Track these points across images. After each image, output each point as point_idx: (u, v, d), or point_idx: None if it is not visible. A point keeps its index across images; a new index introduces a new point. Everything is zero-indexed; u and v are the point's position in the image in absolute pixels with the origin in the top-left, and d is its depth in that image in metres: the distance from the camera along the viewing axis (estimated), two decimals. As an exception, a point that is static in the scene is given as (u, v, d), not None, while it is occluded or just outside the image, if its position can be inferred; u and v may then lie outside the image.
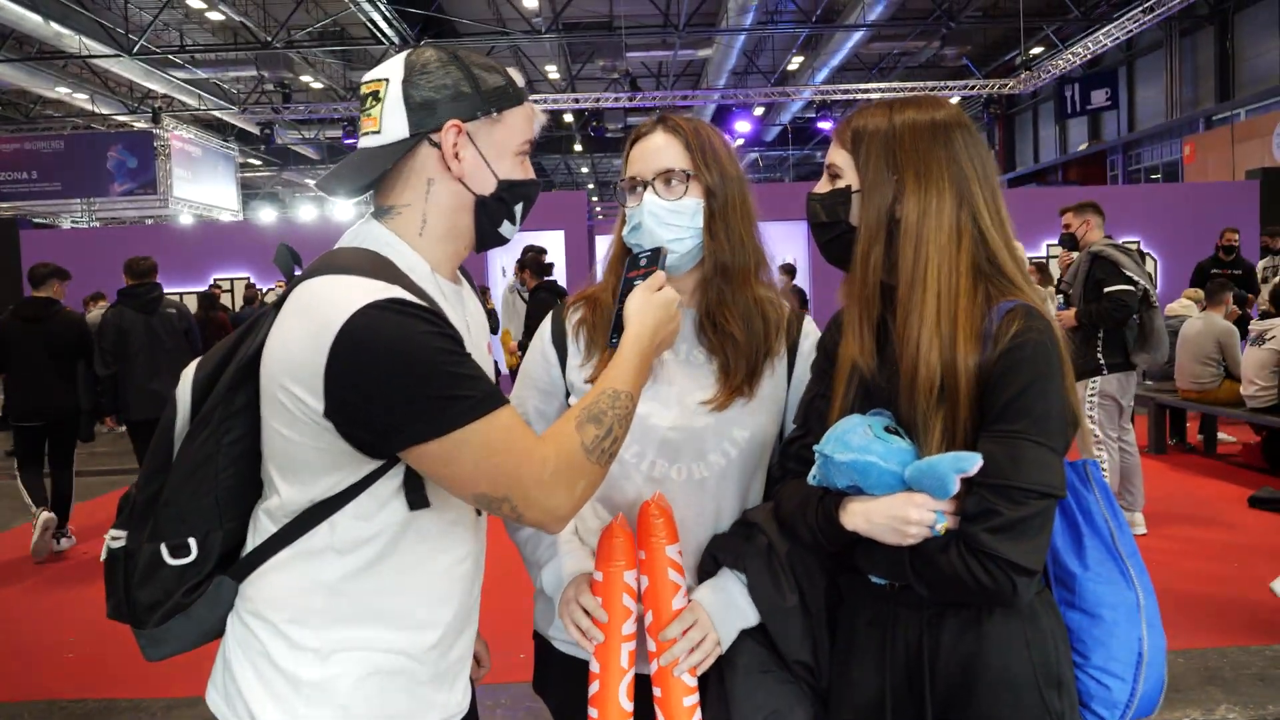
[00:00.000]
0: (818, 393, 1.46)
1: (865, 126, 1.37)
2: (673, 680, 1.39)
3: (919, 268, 1.30)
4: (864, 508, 1.29)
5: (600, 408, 1.22)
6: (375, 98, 1.24)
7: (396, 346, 1.08)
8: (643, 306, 1.34)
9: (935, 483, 1.22)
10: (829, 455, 1.30)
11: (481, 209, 1.28)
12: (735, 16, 15.92)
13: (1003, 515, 1.21)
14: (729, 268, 1.52)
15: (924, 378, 1.28)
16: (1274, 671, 3.55)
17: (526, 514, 1.16)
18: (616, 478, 1.51)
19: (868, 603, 1.40)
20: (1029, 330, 1.25)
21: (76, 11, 15.70)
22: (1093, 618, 1.35)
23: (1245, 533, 5.32)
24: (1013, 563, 1.20)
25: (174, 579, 1.23)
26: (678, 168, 1.49)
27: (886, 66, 22.32)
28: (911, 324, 1.30)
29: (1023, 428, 1.23)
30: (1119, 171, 21.44)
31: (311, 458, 1.16)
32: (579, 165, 33.97)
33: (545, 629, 1.60)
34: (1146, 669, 1.34)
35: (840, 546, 1.35)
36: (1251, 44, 17.15)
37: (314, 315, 1.12)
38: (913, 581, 1.29)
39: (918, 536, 1.25)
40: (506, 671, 2.46)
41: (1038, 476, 1.22)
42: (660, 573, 1.40)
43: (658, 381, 1.51)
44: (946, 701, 1.32)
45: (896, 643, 1.35)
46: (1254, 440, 7.31)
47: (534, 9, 17.34)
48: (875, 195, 1.34)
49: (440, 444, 1.11)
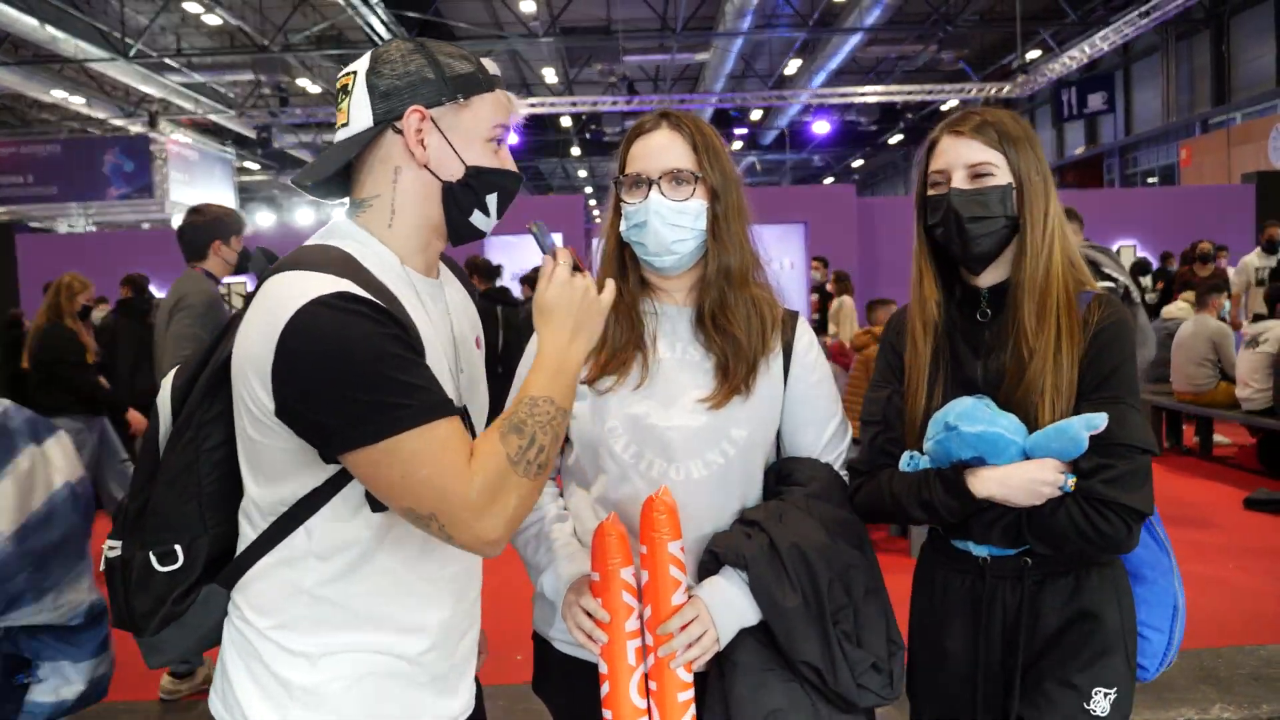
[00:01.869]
0: (894, 389, 1.61)
1: (1009, 129, 1.52)
2: (668, 674, 1.39)
3: (1054, 256, 1.50)
4: (999, 474, 1.42)
5: (520, 417, 1.16)
6: (345, 91, 1.25)
7: (334, 346, 1.06)
8: (556, 300, 1.25)
9: (1068, 442, 1.38)
10: (956, 426, 1.43)
11: (449, 196, 1.25)
12: (732, 20, 15.92)
13: (1116, 469, 1.39)
14: (731, 269, 1.52)
15: (1050, 351, 1.46)
16: (1268, 671, 3.56)
17: (455, 535, 1.11)
18: (615, 478, 1.51)
19: (958, 580, 1.57)
20: (1116, 313, 1.48)
21: (72, 15, 15.69)
22: (1137, 578, 1.57)
23: (1241, 534, 5.33)
24: (1130, 508, 1.39)
25: (164, 586, 1.23)
26: (685, 168, 1.50)
27: (884, 70, 22.34)
28: (1049, 306, 1.48)
29: (1122, 394, 1.44)
30: (1115, 175, 21.48)
31: (277, 459, 1.15)
32: (576, 169, 33.96)
33: (545, 630, 1.61)
34: (1177, 619, 1.55)
35: (962, 518, 1.47)
36: (1247, 48, 17.20)
37: (266, 311, 1.11)
38: (1031, 542, 1.45)
39: (1049, 496, 1.40)
40: (504, 673, 2.47)
41: (1140, 435, 1.42)
42: (662, 568, 1.40)
43: (654, 381, 1.52)
44: (1041, 653, 1.49)
45: (993, 614, 1.53)
46: (1250, 442, 7.33)
47: (531, 12, 17.34)
48: (1039, 193, 1.51)
49: (368, 452, 1.08)
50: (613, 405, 1.51)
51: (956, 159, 1.52)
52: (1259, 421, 6.35)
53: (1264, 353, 6.23)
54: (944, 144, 1.55)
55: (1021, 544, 1.48)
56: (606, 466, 1.52)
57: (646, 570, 1.41)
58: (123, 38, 15.72)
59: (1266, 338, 6.25)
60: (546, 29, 16.96)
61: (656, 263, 1.52)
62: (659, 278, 1.57)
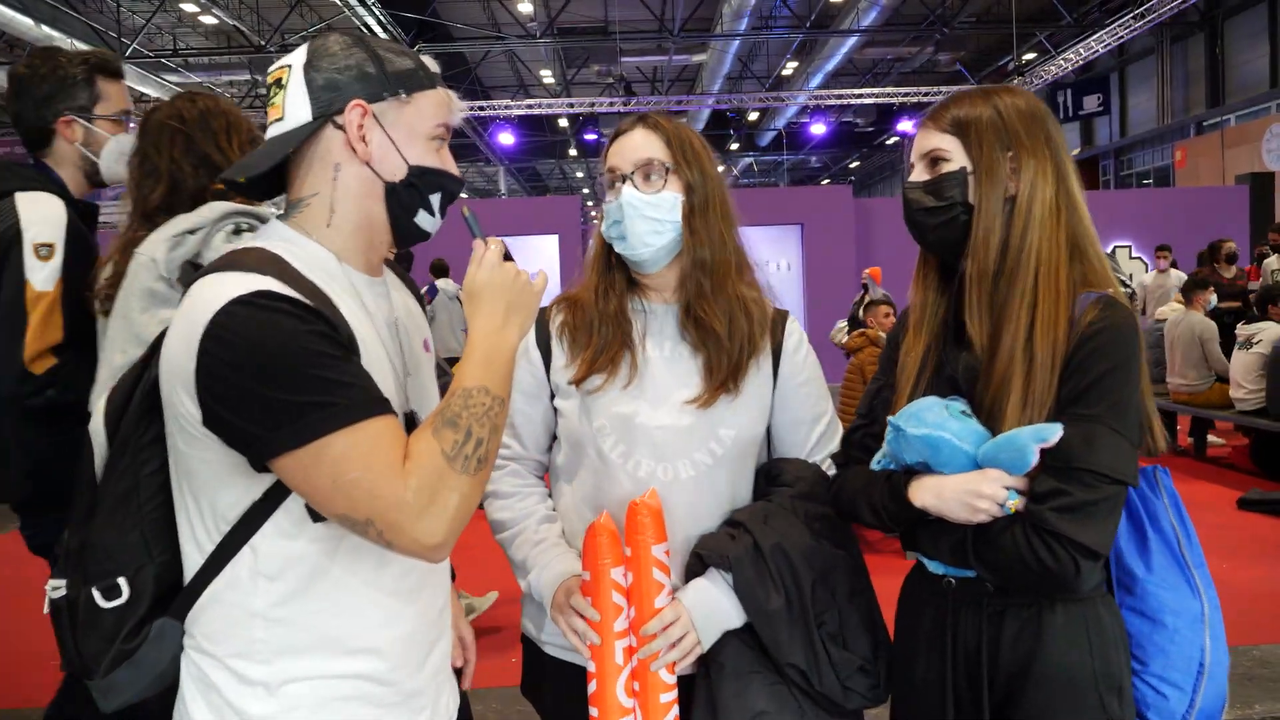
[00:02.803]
0: (884, 383, 1.49)
1: (970, 112, 1.38)
2: (650, 676, 1.39)
3: (1027, 242, 1.33)
4: (935, 483, 1.29)
5: (453, 410, 1.09)
6: (279, 85, 1.19)
7: (255, 345, 1.01)
8: (486, 283, 1.19)
9: (1015, 453, 1.22)
10: (901, 427, 1.31)
11: (392, 196, 1.20)
12: (730, 22, 15.95)
13: (1072, 496, 1.21)
14: (708, 263, 1.52)
15: (1019, 346, 1.29)
16: (1261, 671, 3.58)
17: (394, 541, 1.04)
18: (603, 477, 1.51)
19: (928, 601, 1.41)
20: (1111, 317, 1.27)
21: (68, 15, 15.67)
22: (1154, 623, 1.33)
23: (1235, 534, 5.34)
24: (1077, 543, 1.20)
25: (112, 624, 1.15)
26: (656, 159, 1.51)
27: (880, 72, 22.39)
28: (1014, 296, 1.32)
29: (1099, 412, 1.24)
30: (1111, 176, 21.54)
31: (212, 474, 1.10)
32: (574, 170, 33.98)
33: (535, 633, 1.60)
34: (1207, 681, 1.31)
35: (904, 526, 1.35)
36: (1241, 50, 17.25)
37: (187, 316, 1.06)
38: (973, 564, 1.29)
39: (987, 514, 1.24)
40: (495, 675, 2.46)
41: (1110, 461, 1.21)
42: (645, 571, 1.40)
43: (642, 380, 1.52)
44: (1005, 699, 1.32)
45: (958, 641, 1.36)
46: (1243, 443, 7.35)
47: (529, 13, 17.36)
48: (995, 174, 1.35)
49: (295, 457, 1.02)
50: (601, 404, 1.51)
51: (917, 150, 1.44)
52: (1252, 422, 6.37)
53: (1257, 353, 6.25)
54: (916, 135, 1.49)
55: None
56: (594, 466, 1.52)
57: (631, 573, 1.41)
58: (119, 38, 15.70)
59: (1260, 338, 6.27)
60: (544, 30, 16.96)
61: (634, 256, 1.52)
62: (644, 275, 1.57)
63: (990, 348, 1.33)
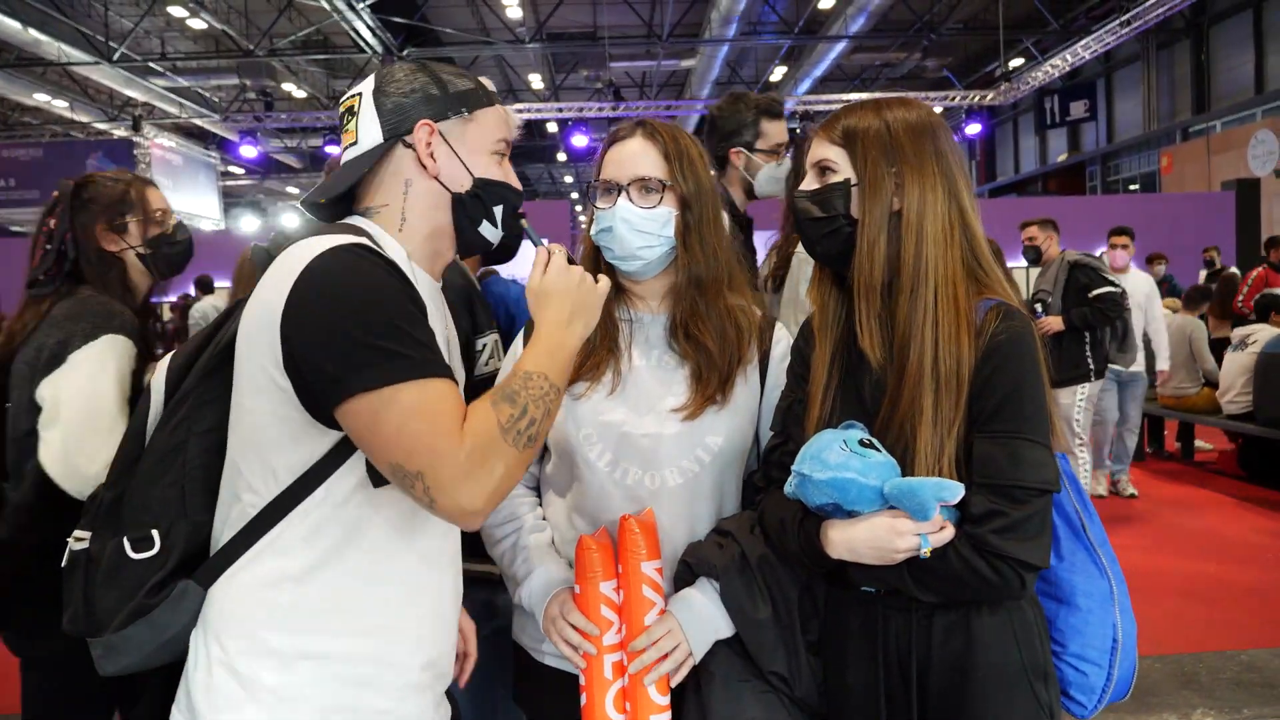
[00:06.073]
0: (795, 398, 1.46)
1: (858, 124, 1.38)
2: (641, 692, 1.39)
3: (921, 259, 1.33)
4: (845, 536, 1.29)
5: (513, 388, 1.15)
6: (351, 113, 1.29)
7: (352, 284, 1.09)
8: (553, 284, 1.27)
9: (917, 506, 1.23)
10: (806, 474, 1.29)
11: (459, 206, 1.29)
12: (718, 27, 15.98)
13: (1008, 515, 1.24)
14: (702, 279, 1.52)
15: (927, 366, 1.29)
16: (1248, 676, 3.58)
17: (438, 499, 1.08)
18: (591, 485, 1.51)
19: (855, 609, 1.40)
20: (1010, 328, 1.29)
21: (56, 18, 15.58)
22: (1069, 606, 1.38)
23: (1222, 539, 5.37)
24: (1023, 561, 1.25)
25: (136, 577, 1.18)
26: (654, 176, 1.50)
27: (868, 78, 22.47)
28: (916, 314, 1.32)
29: (1018, 427, 1.27)
30: (1098, 182, 21.65)
31: (272, 431, 1.14)
32: (562, 174, 33.97)
33: (527, 642, 1.59)
34: (1121, 654, 1.37)
35: (828, 569, 1.35)
36: (1226, 57, 17.38)
37: (280, 266, 1.14)
38: (913, 589, 1.30)
39: (907, 556, 1.26)
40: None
41: (1036, 475, 1.26)
42: (635, 588, 1.40)
43: (627, 387, 1.52)
44: (941, 701, 1.33)
45: (888, 646, 1.37)
46: (1230, 447, 7.38)
47: (518, 19, 17.35)
48: (879, 188, 1.34)
49: (370, 399, 1.06)
50: (587, 411, 1.51)
51: (809, 158, 1.43)
52: (1238, 426, 6.39)
53: (1251, 354, 6.26)
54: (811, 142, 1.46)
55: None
56: (582, 474, 1.52)
57: (622, 590, 1.41)
58: (107, 41, 15.62)
59: (1255, 339, 6.28)
60: (533, 35, 16.96)
61: (623, 267, 1.53)
62: (631, 282, 1.57)
63: (897, 367, 1.33)
